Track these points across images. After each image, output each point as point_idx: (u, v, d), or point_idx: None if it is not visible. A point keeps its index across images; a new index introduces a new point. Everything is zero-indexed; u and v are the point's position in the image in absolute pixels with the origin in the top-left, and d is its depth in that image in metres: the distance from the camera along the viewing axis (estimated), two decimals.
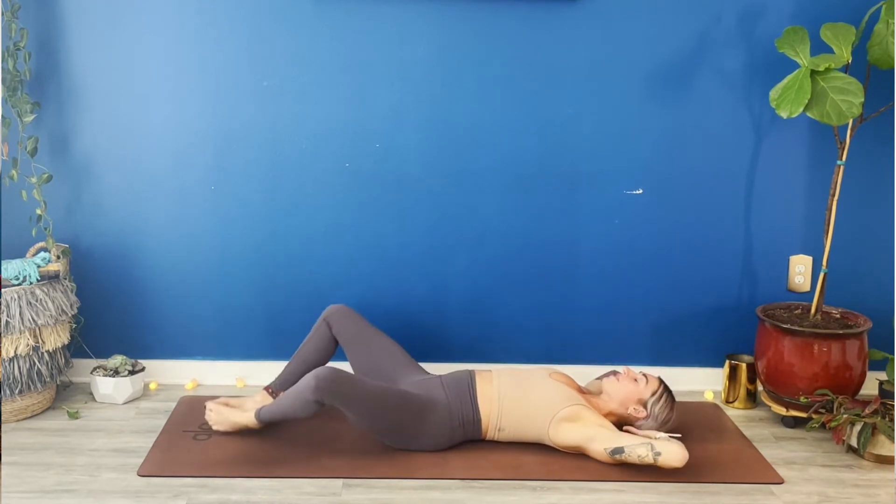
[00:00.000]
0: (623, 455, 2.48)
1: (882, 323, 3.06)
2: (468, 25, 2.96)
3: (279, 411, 2.57)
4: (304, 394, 2.47)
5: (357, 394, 2.49)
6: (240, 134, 3.01)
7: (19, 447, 2.62)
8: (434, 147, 3.03)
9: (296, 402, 2.50)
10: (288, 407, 2.53)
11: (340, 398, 2.46)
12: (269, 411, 2.62)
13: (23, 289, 2.78)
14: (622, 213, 3.09)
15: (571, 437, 2.54)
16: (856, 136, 2.97)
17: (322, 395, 2.44)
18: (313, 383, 2.45)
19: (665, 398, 2.66)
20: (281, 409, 2.57)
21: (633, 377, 2.68)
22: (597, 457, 2.54)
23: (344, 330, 2.82)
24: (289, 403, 2.53)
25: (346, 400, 2.47)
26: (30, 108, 2.85)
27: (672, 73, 3.01)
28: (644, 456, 2.45)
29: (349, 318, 2.83)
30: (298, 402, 2.49)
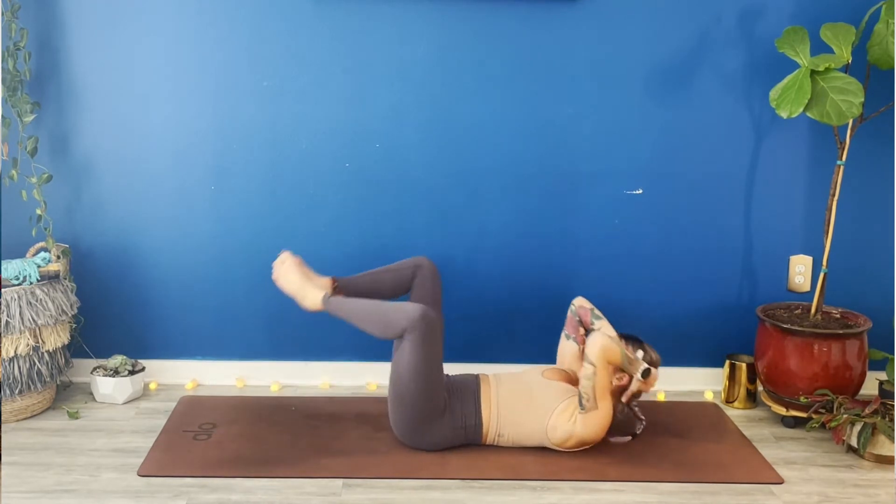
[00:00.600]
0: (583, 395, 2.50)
1: (882, 323, 3.06)
2: (468, 25, 2.96)
3: (353, 311, 2.55)
4: (398, 316, 2.46)
5: (434, 351, 2.49)
6: (240, 134, 3.01)
7: (19, 447, 2.62)
8: (434, 147, 3.03)
9: (382, 316, 2.49)
10: (367, 314, 2.52)
11: (423, 342, 2.46)
12: (341, 304, 2.58)
13: (23, 289, 2.78)
14: (622, 213, 3.09)
15: (564, 430, 2.55)
16: (856, 136, 2.97)
17: (416, 328, 2.44)
18: (419, 313, 2.44)
19: (630, 348, 2.64)
20: (356, 310, 2.54)
21: None
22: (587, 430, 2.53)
23: (423, 287, 2.77)
24: (370, 312, 2.52)
25: (424, 346, 2.46)
26: (30, 108, 2.85)
27: (672, 73, 3.01)
28: (585, 371, 2.49)
29: (433, 281, 2.78)
30: (384, 319, 2.48)
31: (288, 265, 2.69)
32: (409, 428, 2.58)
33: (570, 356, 2.81)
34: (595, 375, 2.50)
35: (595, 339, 2.52)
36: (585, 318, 2.79)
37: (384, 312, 2.52)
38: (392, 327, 2.48)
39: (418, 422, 2.56)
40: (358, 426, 2.78)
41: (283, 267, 2.70)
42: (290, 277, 2.68)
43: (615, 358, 2.53)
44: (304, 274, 2.70)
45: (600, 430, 2.57)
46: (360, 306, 2.57)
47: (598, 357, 2.50)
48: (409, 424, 2.58)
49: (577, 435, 2.55)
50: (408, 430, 2.59)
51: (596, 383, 2.50)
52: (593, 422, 2.54)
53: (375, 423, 2.78)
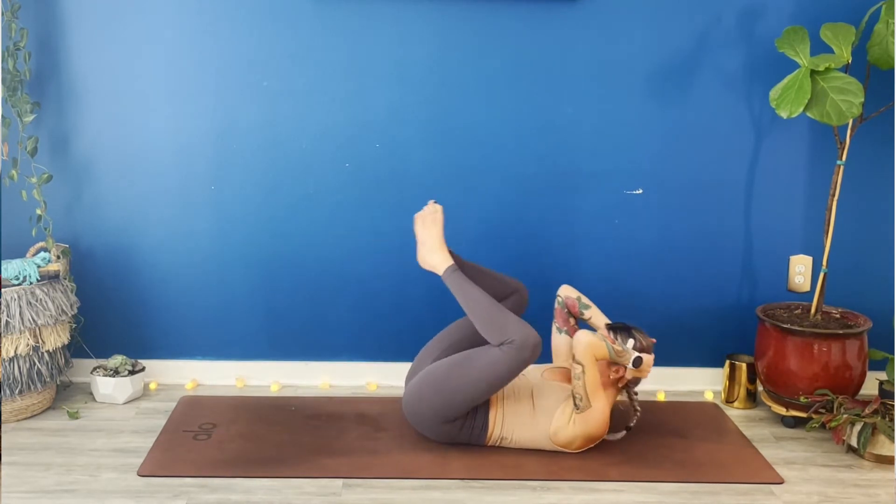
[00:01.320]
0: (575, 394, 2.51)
1: (882, 323, 3.06)
2: (468, 25, 2.96)
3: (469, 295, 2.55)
4: (515, 328, 2.46)
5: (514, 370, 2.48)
6: (240, 134, 3.01)
7: (19, 447, 2.62)
8: (434, 147, 3.03)
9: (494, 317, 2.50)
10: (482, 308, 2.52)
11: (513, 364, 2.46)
12: (463, 282, 2.57)
13: (23, 289, 2.78)
14: (622, 213, 3.09)
15: (567, 433, 2.55)
16: (856, 136, 2.97)
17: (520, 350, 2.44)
18: (533, 342, 2.45)
19: (620, 339, 2.63)
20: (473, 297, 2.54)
21: None
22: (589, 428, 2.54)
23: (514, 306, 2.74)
24: (486, 306, 2.52)
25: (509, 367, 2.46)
26: (30, 108, 2.85)
27: (672, 73, 3.01)
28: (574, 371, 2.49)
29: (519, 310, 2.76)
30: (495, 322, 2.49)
31: (439, 217, 2.67)
32: (431, 415, 2.56)
33: (564, 350, 2.81)
34: (584, 374, 2.49)
35: (579, 337, 2.51)
36: (574, 308, 2.79)
37: (504, 316, 2.51)
38: (503, 333, 2.47)
39: (444, 418, 2.55)
40: (358, 426, 2.78)
41: (434, 216, 2.67)
42: (434, 230, 2.66)
43: (601, 353, 2.52)
44: (442, 234, 2.68)
45: (602, 425, 2.56)
46: (481, 296, 2.55)
47: (583, 355, 2.49)
48: (434, 413, 2.55)
49: (580, 434, 2.55)
50: (426, 414, 2.56)
51: (586, 381, 2.50)
52: (592, 418, 2.54)
53: (375, 423, 2.79)
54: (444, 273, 2.62)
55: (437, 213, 2.68)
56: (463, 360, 2.53)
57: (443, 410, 2.54)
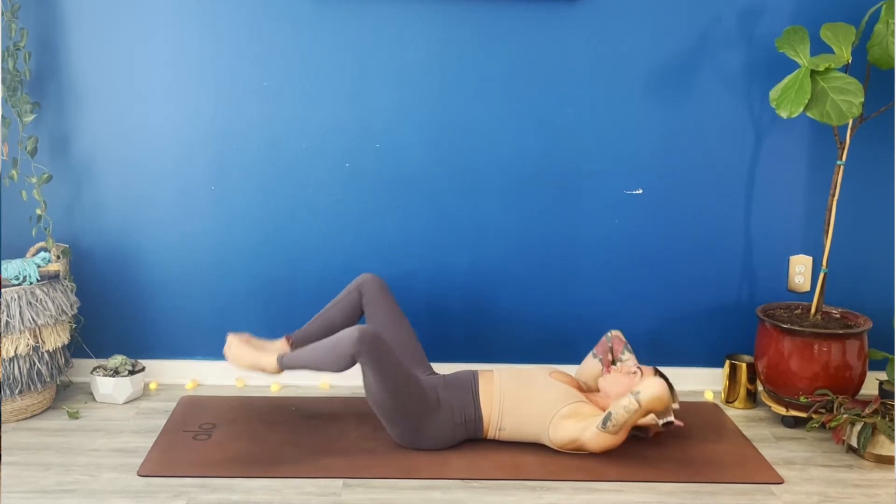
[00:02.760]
0: (612, 419, 2.48)
1: (882, 323, 3.06)
2: (468, 25, 2.96)
3: (306, 359, 2.57)
4: (341, 346, 2.47)
5: (389, 363, 2.50)
6: (240, 134, 3.01)
7: (19, 447, 2.62)
8: (434, 147, 3.03)
9: (329, 353, 2.50)
10: (318, 357, 2.54)
11: (375, 360, 2.47)
12: (294, 358, 2.60)
13: (23, 289, 2.78)
14: (622, 213, 3.09)
15: (568, 433, 2.55)
16: (856, 136, 2.97)
17: (361, 351, 2.45)
18: (356, 336, 2.45)
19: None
20: (309, 357, 2.56)
21: (629, 370, 2.69)
22: (593, 443, 2.53)
23: (373, 303, 2.80)
24: (320, 354, 2.53)
25: (378, 364, 2.47)
26: (30, 108, 2.85)
27: (672, 73, 3.01)
28: (628, 404, 2.46)
29: (381, 294, 2.81)
30: (332, 354, 2.50)
31: (235, 346, 2.71)
32: (408, 436, 2.60)
33: (588, 372, 2.85)
34: (635, 413, 2.48)
35: (656, 385, 2.46)
36: (617, 347, 2.83)
37: (330, 349, 2.53)
38: (343, 358, 2.49)
39: (414, 427, 2.58)
40: (358, 426, 2.78)
41: (231, 350, 2.71)
42: (242, 355, 2.69)
43: (660, 407, 2.50)
44: (254, 346, 2.72)
45: (604, 449, 2.57)
46: (310, 353, 2.59)
47: (648, 401, 2.46)
48: (407, 432, 2.59)
49: (581, 443, 2.55)
50: (408, 438, 2.60)
51: (630, 419, 2.50)
52: (603, 442, 2.54)
53: (375, 423, 2.78)
54: (280, 368, 2.64)
55: (232, 346, 2.70)
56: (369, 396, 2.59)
57: (405, 427, 2.58)
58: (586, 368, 2.87)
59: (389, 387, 2.52)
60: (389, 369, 2.51)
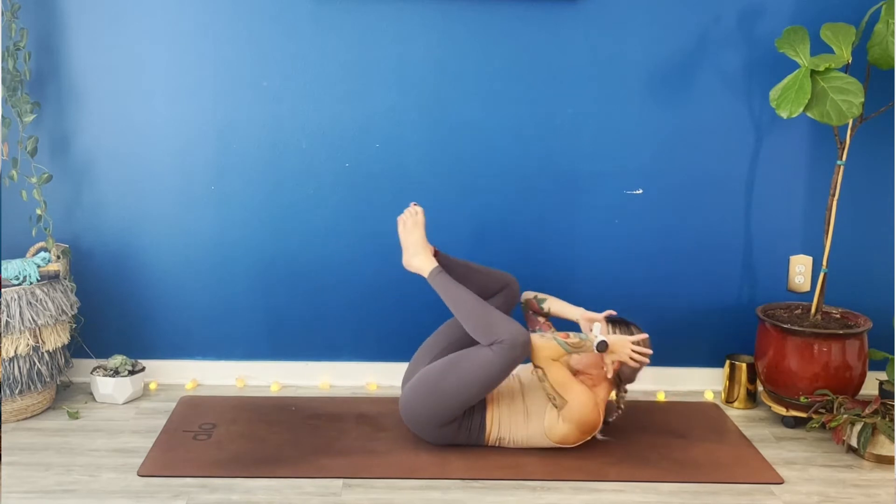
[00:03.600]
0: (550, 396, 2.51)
1: (882, 323, 3.06)
2: (468, 25, 2.96)
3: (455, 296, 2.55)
4: (503, 327, 2.45)
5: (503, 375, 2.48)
6: (240, 134, 3.01)
7: (19, 447, 2.62)
8: (434, 147, 3.03)
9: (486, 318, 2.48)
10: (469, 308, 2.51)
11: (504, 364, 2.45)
12: (448, 283, 2.57)
13: (23, 289, 2.78)
14: (622, 213, 3.09)
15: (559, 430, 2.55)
16: (856, 136, 2.97)
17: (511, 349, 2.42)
18: (522, 340, 2.43)
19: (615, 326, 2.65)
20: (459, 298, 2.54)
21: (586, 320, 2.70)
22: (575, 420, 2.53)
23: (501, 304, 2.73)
24: (473, 307, 2.51)
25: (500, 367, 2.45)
26: (30, 108, 2.85)
27: (672, 73, 3.01)
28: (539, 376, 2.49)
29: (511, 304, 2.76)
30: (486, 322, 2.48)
31: (420, 218, 2.66)
32: (426, 418, 2.55)
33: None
34: (546, 376, 2.49)
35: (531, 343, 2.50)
36: (534, 306, 2.80)
37: (491, 316, 2.50)
38: (491, 333, 2.47)
39: (440, 420, 2.55)
40: (358, 426, 2.78)
41: (413, 219, 2.66)
42: (417, 233, 2.65)
43: (555, 351, 2.50)
44: (424, 235, 2.67)
45: (589, 414, 2.55)
46: (467, 296, 2.55)
47: (537, 359, 2.49)
48: (430, 416, 2.55)
49: (572, 428, 2.55)
50: (423, 418, 2.56)
51: (551, 381, 2.50)
52: (575, 410, 2.53)
53: (375, 423, 2.79)
54: (429, 275, 2.62)
55: (417, 216, 2.67)
56: (454, 363, 2.53)
57: (438, 413, 2.54)
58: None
59: (478, 386, 2.49)
60: (498, 379, 2.49)
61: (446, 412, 2.53)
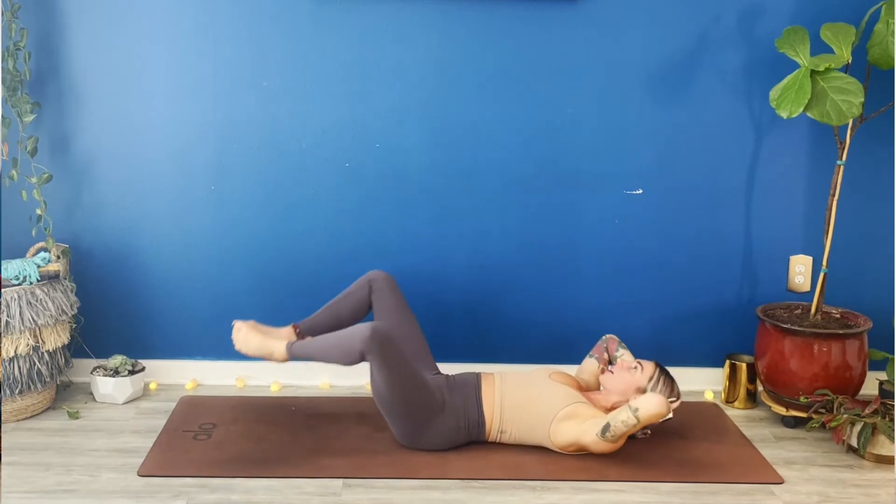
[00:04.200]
0: (611, 430, 2.48)
1: (882, 323, 3.06)
2: (468, 25, 2.96)
3: (315, 349, 2.58)
4: (352, 341, 2.48)
5: (398, 363, 2.50)
6: (240, 134, 3.01)
7: (19, 447, 2.62)
8: (434, 147, 3.03)
9: (339, 346, 2.51)
10: (327, 348, 2.54)
11: (384, 358, 2.47)
12: (303, 347, 2.61)
13: (23, 289, 2.78)
14: (622, 213, 3.09)
15: (568, 435, 2.55)
16: (856, 136, 2.97)
17: (371, 348, 2.45)
18: (368, 334, 2.45)
19: (663, 380, 2.67)
20: (318, 348, 2.57)
21: (630, 366, 2.69)
22: (593, 447, 2.54)
23: (383, 300, 2.80)
24: (329, 345, 2.54)
25: (386, 362, 2.47)
26: (30, 108, 2.85)
27: (672, 73, 3.01)
28: (626, 419, 2.46)
29: (391, 291, 2.81)
30: (342, 348, 2.50)
31: (244, 331, 2.72)
32: (410, 436, 2.59)
33: (587, 372, 2.86)
34: (633, 427, 2.48)
35: (654, 401, 2.45)
36: (612, 346, 2.85)
37: (340, 342, 2.54)
38: (351, 353, 2.50)
39: (416, 427, 2.57)
40: (358, 426, 2.78)
41: (240, 335, 2.72)
42: (251, 341, 2.70)
43: (657, 419, 2.49)
44: (262, 332, 2.73)
45: (599, 452, 2.57)
46: (319, 343, 2.59)
47: (646, 416, 2.45)
48: (409, 432, 2.59)
49: (581, 445, 2.55)
50: (410, 438, 2.60)
51: (628, 432, 2.50)
52: (603, 447, 2.54)
53: (375, 423, 2.78)
54: (288, 356, 2.65)
55: (241, 330, 2.71)
56: (374, 392, 2.57)
57: (407, 427, 2.57)
58: (585, 368, 2.88)
59: (396, 386, 2.51)
60: (398, 369, 2.51)
61: (415, 418, 2.56)
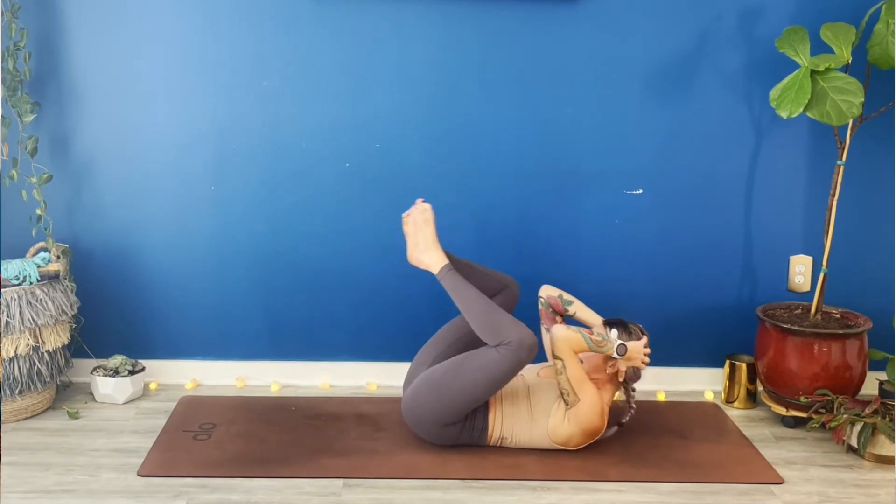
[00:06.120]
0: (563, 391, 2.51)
1: (882, 323, 3.06)
2: (468, 25, 2.96)
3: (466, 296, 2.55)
4: (510, 330, 2.46)
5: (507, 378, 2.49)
6: (240, 134, 3.01)
7: (19, 447, 2.62)
8: (434, 147, 3.03)
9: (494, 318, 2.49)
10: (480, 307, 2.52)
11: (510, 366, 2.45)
12: (458, 282, 2.57)
13: (23, 289, 2.78)
14: (622, 213, 3.09)
15: (563, 431, 2.55)
16: (856, 136, 2.97)
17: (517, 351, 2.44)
18: (529, 343, 2.44)
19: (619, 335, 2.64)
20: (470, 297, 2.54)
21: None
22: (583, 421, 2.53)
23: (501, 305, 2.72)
24: (484, 308, 2.52)
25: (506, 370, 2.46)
26: (30, 108, 2.85)
27: (672, 73, 3.01)
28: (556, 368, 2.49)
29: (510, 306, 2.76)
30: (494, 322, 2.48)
31: (429, 215, 2.65)
32: (430, 419, 2.55)
33: None
34: (565, 368, 2.50)
35: (554, 332, 2.52)
36: (557, 306, 2.79)
37: (499, 316, 2.51)
38: (499, 334, 2.47)
39: (443, 421, 2.55)
40: (358, 426, 2.78)
41: (423, 216, 2.65)
42: (427, 230, 2.64)
43: (579, 345, 2.51)
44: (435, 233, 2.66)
45: (596, 418, 2.55)
46: (476, 296, 2.55)
47: (561, 350, 2.50)
48: (434, 418, 2.54)
49: (577, 429, 2.55)
50: (426, 419, 2.56)
51: (569, 375, 2.50)
52: (584, 412, 2.53)
53: (375, 423, 2.79)
54: (439, 272, 2.61)
55: (427, 213, 2.66)
56: (460, 363, 2.53)
57: (442, 414, 2.54)
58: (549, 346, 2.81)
59: (482, 389, 2.49)
60: (501, 382, 2.50)
61: (451, 413, 2.53)
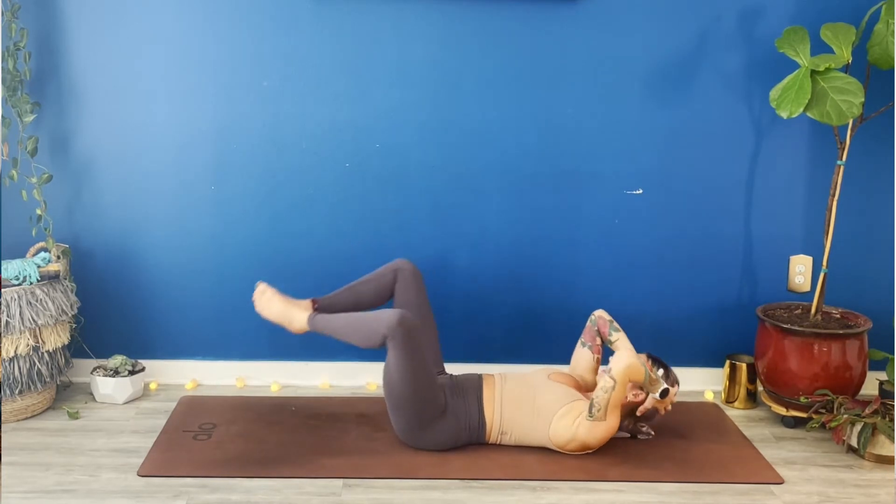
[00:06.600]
0: (595, 404, 2.50)
1: (882, 323, 3.06)
2: (468, 25, 2.96)
3: (336, 327, 2.59)
4: (377, 324, 2.48)
5: (417, 356, 2.50)
6: (240, 134, 3.01)
7: (19, 447, 2.62)
8: (434, 147, 3.03)
9: (362, 327, 2.52)
10: (349, 326, 2.56)
11: (405, 348, 2.47)
12: (325, 321, 2.62)
13: (23, 289, 2.78)
14: (622, 213, 3.09)
15: (566, 433, 2.55)
16: (856, 136, 2.97)
17: (396, 335, 2.45)
18: (396, 320, 2.45)
19: (653, 367, 2.66)
20: (339, 325, 2.58)
21: None
22: (590, 437, 2.54)
23: (406, 290, 2.79)
24: (352, 325, 2.55)
25: (407, 353, 2.48)
26: (30, 108, 2.85)
27: (672, 73, 3.01)
28: (604, 384, 2.49)
29: (415, 282, 2.80)
30: (365, 329, 2.51)
31: (269, 294, 2.73)
32: (411, 431, 2.59)
33: (583, 363, 2.83)
34: (613, 390, 2.50)
35: (623, 356, 2.52)
36: (604, 329, 2.79)
37: (364, 322, 2.54)
38: (373, 336, 2.51)
39: (419, 424, 2.57)
40: (358, 426, 2.78)
41: (264, 297, 2.74)
42: (273, 306, 2.72)
43: (638, 377, 2.54)
44: (285, 300, 2.74)
45: (602, 439, 2.57)
46: (342, 320, 2.60)
47: (621, 374, 2.49)
48: (411, 427, 2.58)
49: (580, 439, 2.55)
50: (411, 433, 2.60)
51: (612, 397, 2.51)
52: (598, 430, 2.54)
53: (375, 423, 2.79)
54: (308, 325, 2.67)
55: (266, 293, 2.73)
56: (385, 380, 2.56)
57: (411, 422, 2.57)
58: (579, 360, 2.83)
59: (409, 378, 2.51)
60: (415, 362, 2.51)
61: (415, 418, 2.56)
